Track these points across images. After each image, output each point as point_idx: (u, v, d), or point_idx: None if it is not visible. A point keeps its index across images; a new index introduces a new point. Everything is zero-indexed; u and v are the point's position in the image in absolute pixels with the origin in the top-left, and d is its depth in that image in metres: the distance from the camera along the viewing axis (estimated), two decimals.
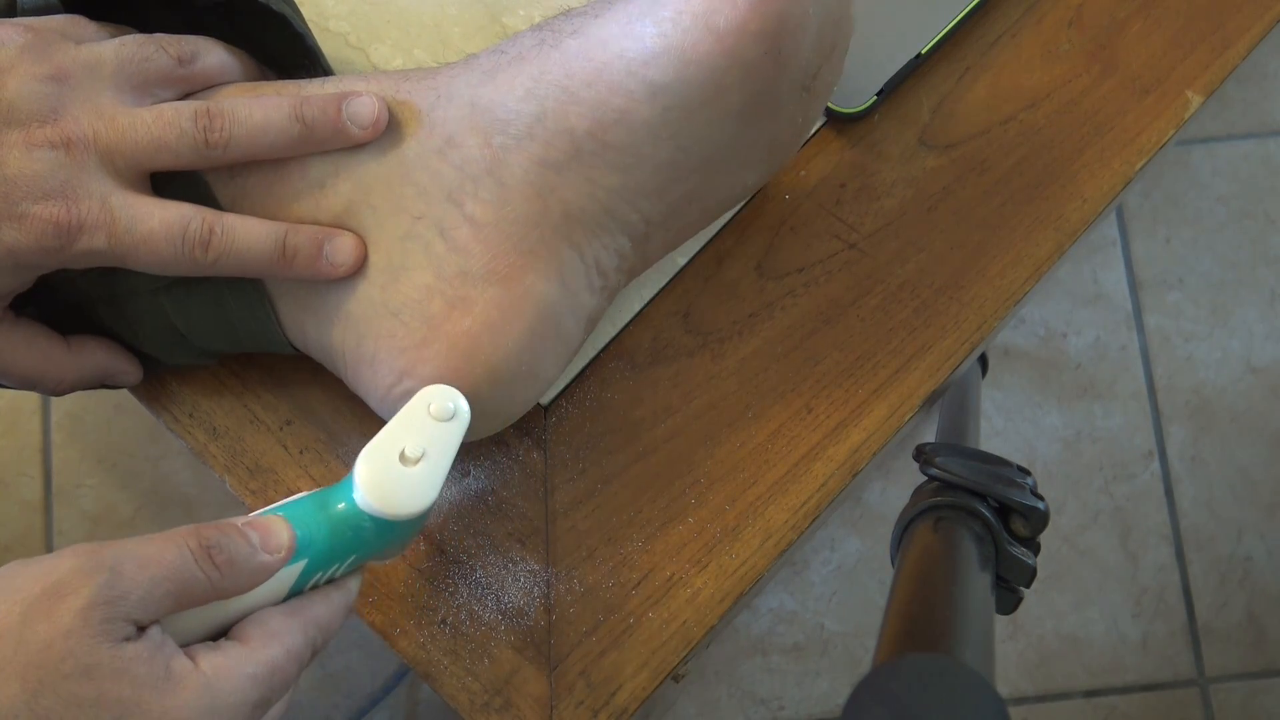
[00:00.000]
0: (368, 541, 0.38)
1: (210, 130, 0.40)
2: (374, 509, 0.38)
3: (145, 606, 0.33)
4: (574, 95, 0.39)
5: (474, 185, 0.40)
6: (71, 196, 0.38)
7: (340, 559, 0.38)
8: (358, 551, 0.39)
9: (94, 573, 0.33)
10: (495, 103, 0.40)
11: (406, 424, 0.39)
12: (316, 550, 0.38)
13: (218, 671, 0.34)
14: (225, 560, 0.35)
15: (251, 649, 0.36)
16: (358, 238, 0.41)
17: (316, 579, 0.38)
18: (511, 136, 0.40)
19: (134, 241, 0.39)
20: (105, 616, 0.32)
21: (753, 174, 0.44)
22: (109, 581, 0.33)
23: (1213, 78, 0.52)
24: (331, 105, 0.40)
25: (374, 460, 0.38)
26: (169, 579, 0.34)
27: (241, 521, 0.37)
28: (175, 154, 0.40)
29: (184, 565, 0.34)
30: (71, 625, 0.32)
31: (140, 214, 0.39)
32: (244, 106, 0.40)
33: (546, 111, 0.40)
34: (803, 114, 0.43)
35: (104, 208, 0.38)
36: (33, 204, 0.38)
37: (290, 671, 0.36)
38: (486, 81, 0.41)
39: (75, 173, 0.38)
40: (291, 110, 0.40)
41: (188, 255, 0.40)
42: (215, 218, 0.40)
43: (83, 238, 0.38)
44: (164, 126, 0.39)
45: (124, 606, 0.33)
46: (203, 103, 0.40)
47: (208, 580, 0.35)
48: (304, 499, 0.39)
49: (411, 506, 0.38)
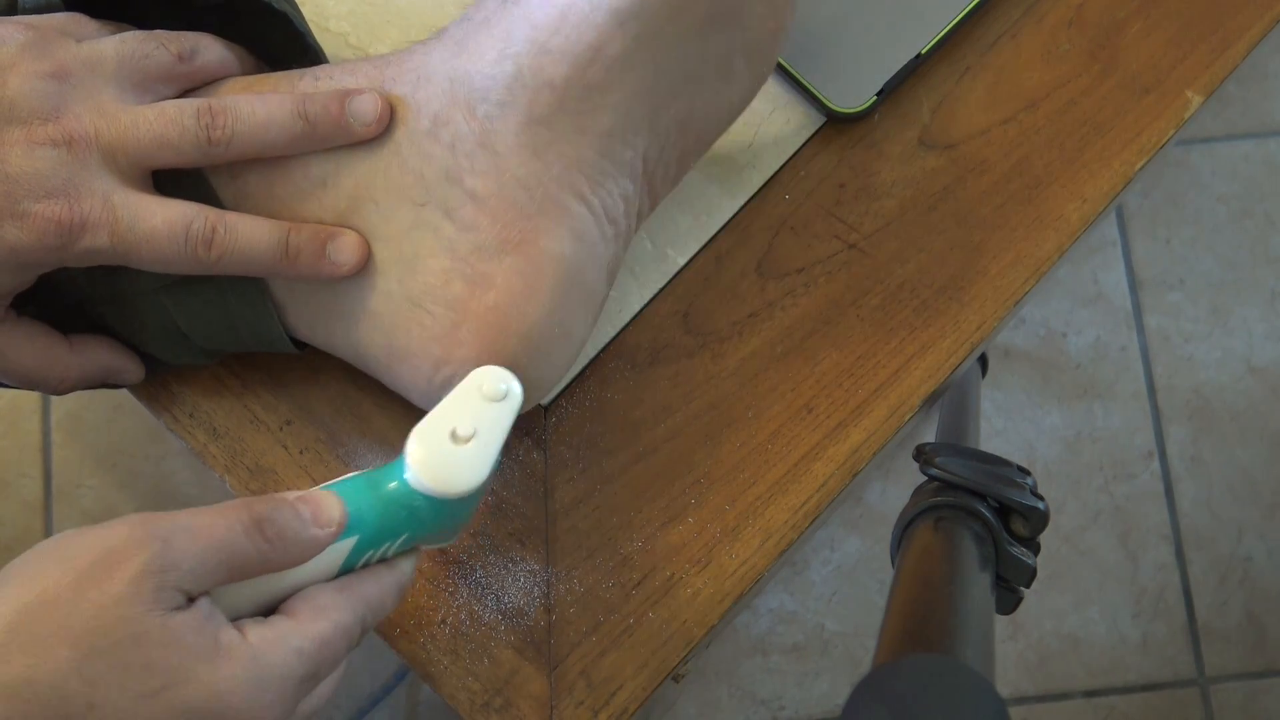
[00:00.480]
0: (419, 521, 0.39)
1: (213, 127, 0.40)
2: (425, 487, 0.38)
3: (196, 577, 0.34)
4: (544, 46, 0.39)
5: (469, 161, 0.40)
6: (74, 195, 0.38)
7: (391, 538, 0.38)
8: (409, 531, 0.39)
9: (146, 543, 0.33)
10: (471, 73, 0.40)
11: (458, 404, 0.39)
12: (367, 527, 0.38)
13: (265, 644, 0.35)
14: (276, 533, 0.36)
15: (300, 624, 0.36)
16: (360, 237, 0.41)
17: (368, 557, 0.38)
18: (494, 104, 0.40)
19: (136, 240, 0.39)
20: (157, 585, 0.33)
21: (736, 89, 0.44)
22: (161, 551, 0.33)
23: (1213, 78, 0.52)
24: (334, 103, 0.40)
25: (426, 438, 0.38)
26: (220, 550, 0.34)
27: (294, 496, 0.37)
28: (178, 151, 0.40)
29: (235, 538, 0.35)
30: (123, 593, 0.32)
31: (142, 212, 0.39)
32: (246, 104, 0.40)
33: (522, 69, 0.40)
34: (773, 15, 0.43)
35: (106, 206, 0.38)
36: (35, 202, 0.37)
37: (339, 648, 0.37)
38: (459, 53, 0.41)
39: (77, 171, 0.38)
40: (294, 107, 0.40)
41: (190, 254, 0.40)
42: (218, 216, 0.40)
43: (85, 236, 0.38)
44: (166, 123, 0.39)
45: (174, 576, 0.33)
46: (205, 100, 0.40)
47: (258, 553, 0.35)
48: (356, 477, 0.39)
49: (462, 485, 0.38)
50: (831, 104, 0.50)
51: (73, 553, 0.33)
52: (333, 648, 0.36)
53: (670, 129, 0.42)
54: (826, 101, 0.50)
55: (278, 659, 0.34)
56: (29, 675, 0.31)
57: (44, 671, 0.31)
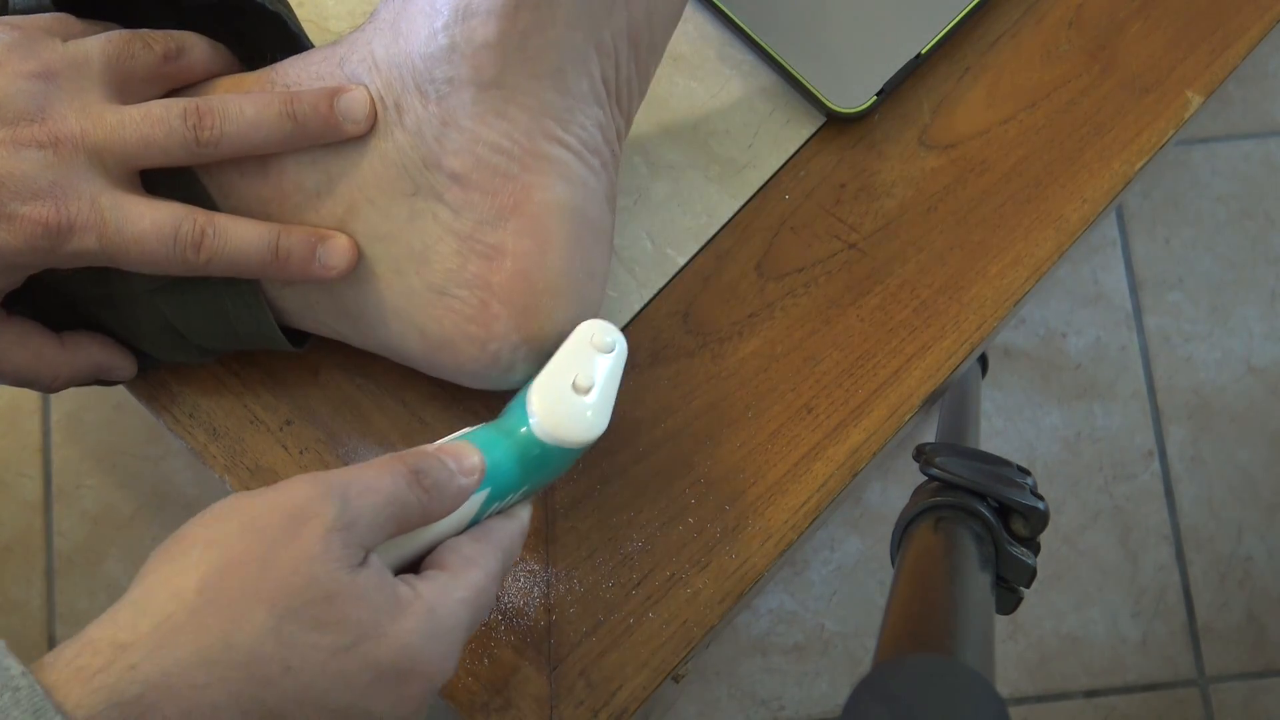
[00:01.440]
0: (541, 470, 0.40)
1: (200, 127, 0.39)
2: (551, 437, 0.39)
3: (373, 531, 0.35)
4: (468, 9, 0.39)
5: (438, 143, 0.40)
6: (60, 196, 0.38)
7: (516, 488, 0.40)
8: (531, 481, 0.40)
9: (329, 499, 0.34)
10: (410, 54, 0.40)
11: (573, 356, 0.40)
12: (499, 479, 0.39)
13: (435, 596, 0.35)
14: (432, 484, 0.36)
15: (455, 575, 0.36)
16: (350, 240, 0.41)
17: (494, 509, 0.39)
18: (442, 81, 0.40)
19: (125, 242, 0.39)
20: (344, 542, 0.34)
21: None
22: (343, 508, 0.34)
23: (1213, 78, 0.52)
24: (323, 101, 0.40)
25: (548, 391, 0.40)
26: (390, 504, 0.35)
27: (434, 448, 0.38)
28: (165, 151, 0.39)
29: (400, 490, 0.36)
30: (315, 551, 0.33)
31: (131, 214, 0.39)
32: (234, 103, 0.40)
33: (455, 39, 0.39)
34: None
35: (94, 208, 0.38)
36: (21, 204, 0.37)
37: (491, 593, 0.37)
38: (395, 37, 0.41)
39: (64, 172, 0.38)
40: (282, 107, 0.40)
41: (179, 256, 0.39)
42: (207, 218, 0.40)
43: (73, 238, 0.38)
44: (153, 124, 0.39)
45: (357, 532, 0.34)
46: (192, 100, 0.40)
47: (420, 504, 0.36)
48: (481, 429, 0.40)
49: (586, 433, 0.40)
50: (831, 104, 0.50)
51: (257, 514, 0.34)
52: (488, 594, 0.37)
53: (620, 44, 0.42)
54: (826, 101, 0.50)
55: (447, 610, 0.35)
56: (227, 640, 0.31)
57: (242, 636, 0.32)
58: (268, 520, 0.33)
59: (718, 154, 0.51)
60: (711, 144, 0.51)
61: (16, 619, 1.06)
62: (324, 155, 0.41)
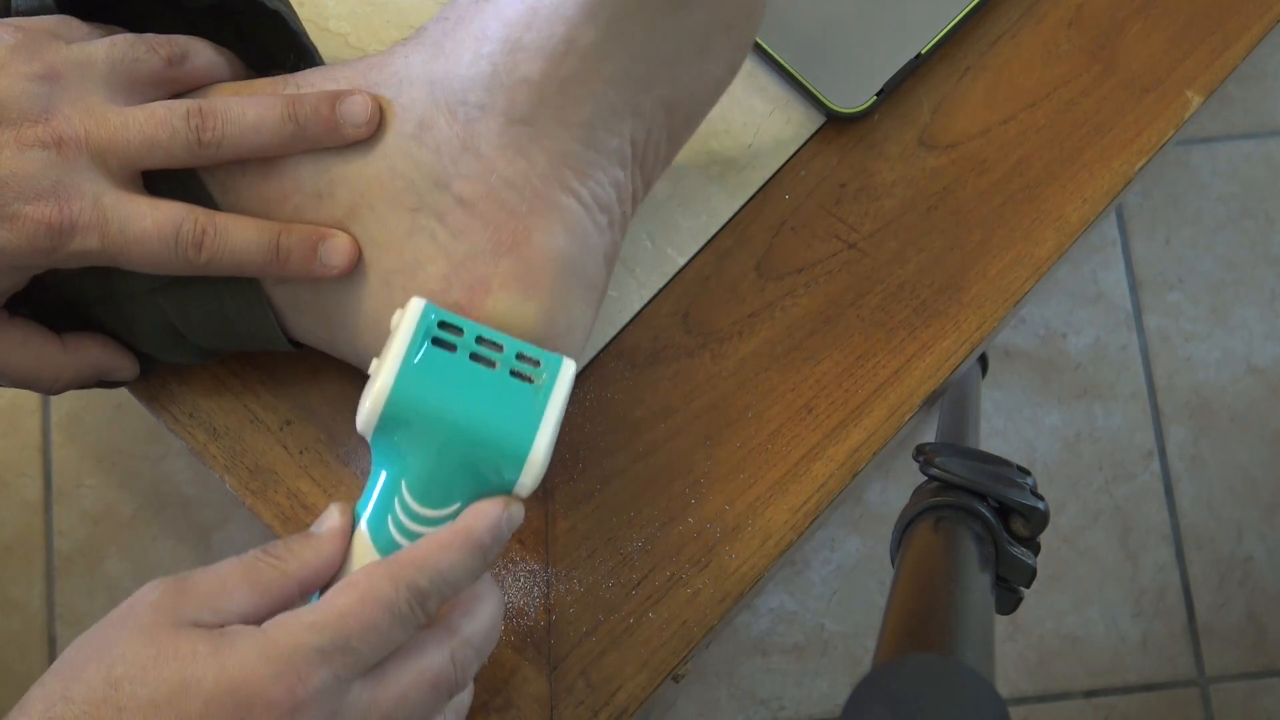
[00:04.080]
0: (394, 467, 0.38)
1: (203, 129, 0.40)
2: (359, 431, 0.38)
3: (215, 597, 0.35)
4: (518, 43, 0.39)
5: (454, 165, 0.40)
6: (63, 197, 0.38)
7: (392, 494, 0.38)
8: (405, 477, 0.38)
9: (165, 579, 0.36)
10: (450, 74, 0.40)
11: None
12: (364, 503, 0.38)
13: (275, 624, 0.35)
14: (283, 546, 0.37)
15: (320, 600, 0.36)
16: (351, 239, 0.41)
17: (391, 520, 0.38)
18: (474, 105, 0.40)
19: (126, 242, 0.39)
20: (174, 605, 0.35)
21: (719, 64, 0.44)
22: (176, 582, 0.36)
23: (1213, 78, 0.52)
24: (325, 104, 0.40)
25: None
26: (234, 571, 0.36)
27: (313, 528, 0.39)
28: (168, 153, 0.40)
29: (246, 559, 0.37)
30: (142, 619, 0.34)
31: (133, 214, 0.39)
32: (236, 105, 0.40)
33: (498, 68, 0.39)
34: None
35: (96, 208, 0.38)
36: (24, 204, 0.37)
37: (369, 617, 0.35)
38: (437, 55, 0.41)
39: (67, 173, 0.38)
40: (285, 109, 0.40)
41: (181, 255, 0.40)
42: (208, 218, 0.40)
43: (75, 238, 0.38)
44: (156, 125, 0.39)
45: (192, 597, 0.35)
46: (195, 101, 0.40)
47: (273, 566, 0.36)
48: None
49: (366, 413, 0.37)
50: (831, 104, 0.50)
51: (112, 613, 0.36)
52: (359, 617, 0.35)
53: (656, 111, 0.42)
54: (826, 101, 0.50)
55: (285, 633, 0.34)
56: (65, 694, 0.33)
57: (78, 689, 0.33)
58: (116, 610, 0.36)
59: (718, 154, 0.51)
60: (711, 144, 0.51)
61: (16, 619, 1.06)
62: (330, 158, 0.41)
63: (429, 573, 0.36)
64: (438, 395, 0.37)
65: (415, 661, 0.36)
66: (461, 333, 0.38)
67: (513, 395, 0.38)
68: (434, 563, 0.36)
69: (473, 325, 0.39)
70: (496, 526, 0.37)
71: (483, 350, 0.38)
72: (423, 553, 0.36)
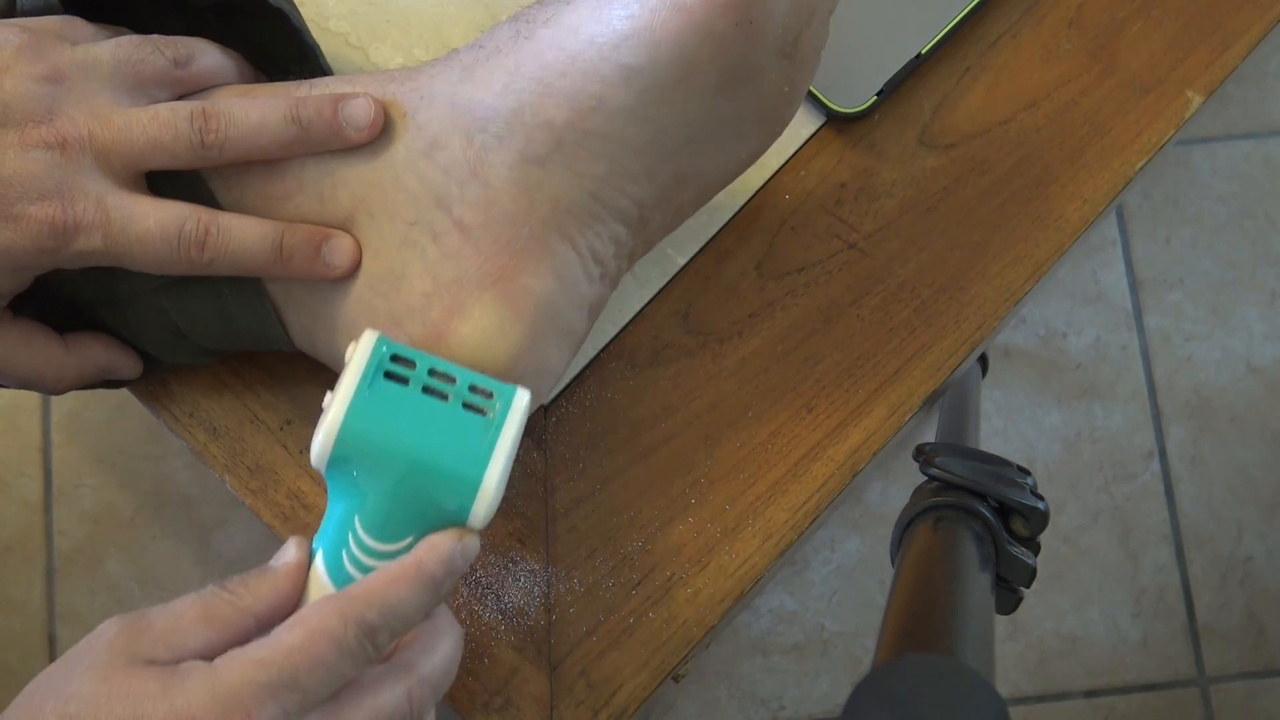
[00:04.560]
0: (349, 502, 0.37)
1: (206, 131, 0.40)
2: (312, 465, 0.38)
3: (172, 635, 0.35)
4: (550, 87, 0.39)
5: (459, 189, 0.40)
6: (67, 197, 0.38)
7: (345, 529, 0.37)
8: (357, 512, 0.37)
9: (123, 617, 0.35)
10: (474, 101, 0.40)
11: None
12: (320, 537, 0.38)
13: (224, 661, 0.34)
14: (239, 581, 0.37)
15: (270, 636, 0.35)
16: (353, 240, 0.41)
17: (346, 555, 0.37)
18: (492, 135, 0.40)
19: (129, 242, 0.39)
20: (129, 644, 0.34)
21: (743, 148, 0.44)
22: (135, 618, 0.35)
23: (1213, 78, 0.52)
24: (328, 106, 0.40)
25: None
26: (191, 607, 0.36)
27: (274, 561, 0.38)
28: (171, 154, 0.40)
29: (203, 594, 0.36)
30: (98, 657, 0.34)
31: (136, 214, 0.39)
32: (240, 107, 0.40)
33: (524, 106, 0.39)
34: (788, 82, 0.42)
35: (100, 208, 0.38)
36: (28, 204, 0.38)
37: (317, 653, 0.34)
38: (466, 79, 0.41)
39: (70, 173, 0.38)
40: (288, 111, 0.40)
41: (184, 255, 0.40)
42: (211, 217, 0.40)
43: (79, 238, 0.38)
44: (160, 126, 0.39)
45: (149, 635, 0.35)
46: (199, 103, 0.40)
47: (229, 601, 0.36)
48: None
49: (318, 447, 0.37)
50: (831, 104, 0.50)
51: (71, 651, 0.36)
52: (308, 653, 0.34)
53: (670, 182, 0.42)
54: (826, 101, 0.50)
55: (235, 670, 0.34)
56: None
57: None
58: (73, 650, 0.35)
59: None
60: None
61: (16, 619, 1.06)
62: (335, 162, 0.41)
63: (378, 607, 0.35)
64: (389, 429, 0.37)
65: (370, 699, 0.36)
66: (414, 365, 0.38)
67: (465, 427, 0.37)
68: (384, 597, 0.35)
69: (425, 358, 0.38)
70: (449, 560, 0.37)
71: (435, 383, 0.38)
72: (373, 587, 0.36)
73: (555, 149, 0.39)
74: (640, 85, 0.39)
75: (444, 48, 0.51)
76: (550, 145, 0.39)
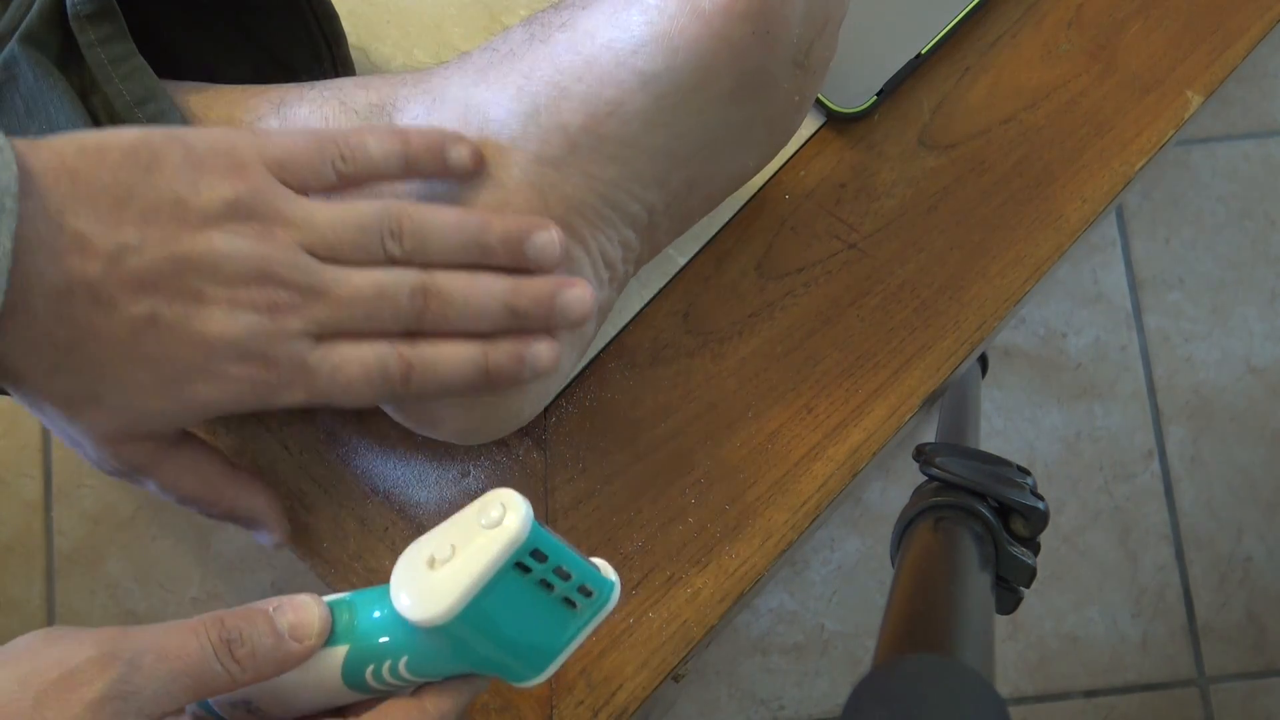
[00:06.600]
0: (411, 643, 0.36)
1: (426, 310, 0.39)
2: (400, 607, 0.35)
3: (159, 701, 0.33)
4: (565, 90, 0.39)
5: (472, 190, 0.40)
6: (271, 360, 0.37)
7: (388, 656, 0.36)
8: (408, 652, 0.36)
9: (110, 665, 0.32)
10: (488, 102, 0.40)
11: (456, 526, 0.36)
12: (358, 639, 0.36)
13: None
14: (246, 654, 0.34)
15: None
16: (553, 341, 0.41)
17: (372, 669, 0.36)
18: (506, 137, 0.40)
19: (333, 392, 0.38)
20: (116, 711, 0.32)
21: (753, 155, 0.44)
22: (124, 676, 0.32)
23: (1213, 78, 0.52)
24: (545, 294, 0.40)
25: (407, 558, 0.36)
26: (187, 673, 0.33)
27: (274, 605, 0.35)
28: (384, 328, 0.38)
29: (204, 659, 0.34)
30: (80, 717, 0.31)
31: (338, 365, 0.38)
32: (460, 292, 0.39)
33: (539, 108, 0.39)
34: (799, 91, 0.43)
35: (302, 368, 0.37)
36: (231, 364, 0.36)
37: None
38: (479, 81, 0.41)
39: (276, 337, 0.37)
40: (506, 298, 0.39)
41: (389, 392, 0.39)
42: (411, 350, 0.39)
43: (281, 395, 0.37)
44: (379, 299, 0.38)
45: (137, 701, 0.32)
46: (419, 277, 0.39)
47: (227, 674, 0.34)
48: (373, 590, 0.37)
49: (425, 611, 0.34)
50: (831, 104, 0.50)
51: (38, 665, 0.32)
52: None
53: (680, 188, 0.42)
54: (826, 101, 0.50)
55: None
56: None
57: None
58: (45, 677, 0.32)
59: None
60: None
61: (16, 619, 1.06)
62: None
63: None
64: (497, 614, 0.35)
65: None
66: (545, 560, 0.35)
67: (556, 616, 0.37)
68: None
69: (557, 552, 0.36)
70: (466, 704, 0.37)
71: (553, 578, 0.36)
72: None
73: (570, 152, 0.39)
74: (656, 91, 0.39)
75: (444, 47, 0.51)
76: (565, 148, 0.39)
